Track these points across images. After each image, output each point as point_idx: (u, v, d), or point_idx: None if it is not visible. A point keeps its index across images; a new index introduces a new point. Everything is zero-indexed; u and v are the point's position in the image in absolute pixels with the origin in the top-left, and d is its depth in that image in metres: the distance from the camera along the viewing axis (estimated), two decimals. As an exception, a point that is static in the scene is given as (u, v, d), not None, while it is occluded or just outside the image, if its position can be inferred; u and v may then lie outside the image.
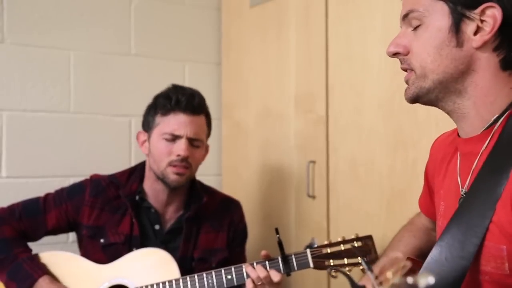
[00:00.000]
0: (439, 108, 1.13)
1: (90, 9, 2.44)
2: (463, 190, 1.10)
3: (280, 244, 1.65)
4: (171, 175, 1.87)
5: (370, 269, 0.83)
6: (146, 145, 1.94)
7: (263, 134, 2.43)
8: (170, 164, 1.86)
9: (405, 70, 1.13)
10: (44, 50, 2.34)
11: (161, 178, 1.89)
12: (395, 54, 1.13)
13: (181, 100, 1.87)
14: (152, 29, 2.58)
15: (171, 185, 1.89)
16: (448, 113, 1.13)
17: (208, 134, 1.98)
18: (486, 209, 1.01)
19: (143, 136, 1.96)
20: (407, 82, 1.13)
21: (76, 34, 2.40)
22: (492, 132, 1.06)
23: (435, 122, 1.70)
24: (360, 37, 1.98)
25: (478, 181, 1.06)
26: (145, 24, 2.56)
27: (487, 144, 1.06)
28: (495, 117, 1.06)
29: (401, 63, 1.13)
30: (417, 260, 1.24)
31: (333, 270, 1.55)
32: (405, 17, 1.11)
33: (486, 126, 1.07)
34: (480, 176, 1.06)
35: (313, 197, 2.15)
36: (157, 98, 1.94)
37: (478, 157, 1.07)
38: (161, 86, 1.97)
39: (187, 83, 2.60)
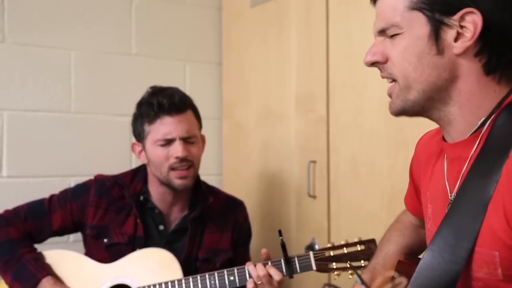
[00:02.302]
0: (425, 117, 1.12)
1: (90, 9, 2.44)
2: (452, 195, 1.09)
3: (283, 246, 1.65)
4: (176, 180, 1.87)
5: (365, 284, 0.82)
6: (143, 154, 1.93)
7: (264, 134, 2.43)
8: (171, 168, 1.86)
9: (386, 78, 1.12)
10: (45, 49, 2.34)
11: (166, 184, 1.89)
12: (373, 64, 1.12)
13: (162, 103, 1.85)
14: (152, 28, 2.58)
15: (179, 189, 1.89)
16: (434, 121, 1.12)
17: (200, 127, 1.96)
18: (477, 212, 1.00)
19: (138, 147, 1.95)
20: (390, 95, 1.11)
21: (77, 34, 2.40)
22: (480, 136, 1.05)
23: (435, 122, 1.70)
24: (361, 37, 1.98)
25: (467, 185, 1.05)
26: (145, 23, 2.56)
27: (476, 148, 1.05)
28: (481, 120, 1.05)
29: (381, 71, 1.12)
30: (408, 262, 1.24)
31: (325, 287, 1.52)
32: (381, 32, 1.11)
33: (473, 131, 1.06)
34: (468, 179, 1.04)
35: (314, 197, 2.16)
36: (140, 106, 1.92)
37: (468, 161, 1.06)
38: (149, 86, 1.96)
39: (187, 83, 2.60)
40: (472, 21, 1.02)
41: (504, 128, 1.03)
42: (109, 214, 1.91)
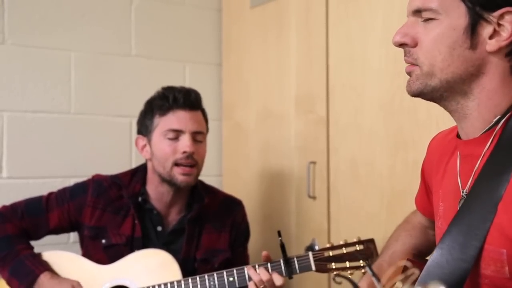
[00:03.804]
0: (441, 106, 1.11)
1: (90, 10, 2.44)
2: (464, 192, 1.09)
3: (282, 247, 1.65)
4: (179, 176, 1.87)
5: (377, 278, 0.82)
6: (147, 149, 1.93)
7: (264, 135, 2.43)
8: (176, 163, 1.86)
9: (409, 63, 1.09)
10: (45, 51, 2.34)
11: (168, 180, 1.88)
12: (401, 45, 1.09)
13: (178, 97, 1.88)
14: (152, 30, 2.58)
15: (181, 186, 1.89)
16: (449, 112, 1.11)
17: (207, 131, 1.98)
18: (487, 211, 1.00)
19: (142, 141, 1.94)
20: (409, 74, 1.10)
21: (77, 35, 2.41)
22: (494, 134, 1.05)
23: (435, 123, 1.70)
24: (360, 38, 1.99)
25: (479, 183, 1.04)
26: (145, 25, 2.56)
27: (489, 146, 1.05)
28: (496, 118, 1.05)
29: (405, 54, 1.09)
30: (416, 261, 1.24)
31: (336, 277, 1.54)
32: (416, 12, 1.07)
33: (487, 128, 1.06)
34: (480, 177, 1.04)
35: (314, 198, 2.16)
36: (151, 101, 1.93)
37: (480, 159, 1.06)
38: (161, 86, 1.97)
39: (187, 84, 2.60)
40: (511, 21, 1.01)
41: None
42: (107, 214, 1.90)
